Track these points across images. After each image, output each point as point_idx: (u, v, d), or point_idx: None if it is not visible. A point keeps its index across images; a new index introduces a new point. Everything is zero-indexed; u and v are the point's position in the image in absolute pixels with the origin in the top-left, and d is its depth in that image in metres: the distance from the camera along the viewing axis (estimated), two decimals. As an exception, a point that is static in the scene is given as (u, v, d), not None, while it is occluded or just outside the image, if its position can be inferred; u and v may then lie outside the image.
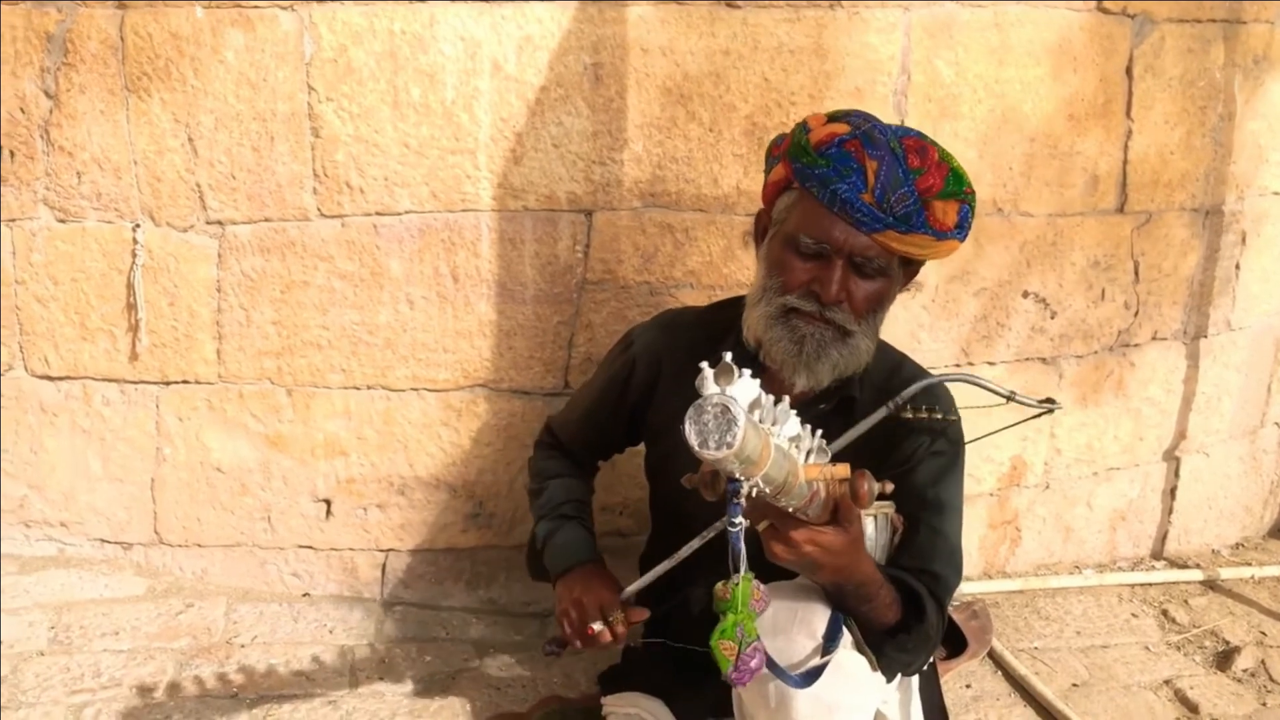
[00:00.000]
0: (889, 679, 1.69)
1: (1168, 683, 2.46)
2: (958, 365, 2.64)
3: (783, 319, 1.67)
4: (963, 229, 1.67)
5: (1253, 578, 2.97)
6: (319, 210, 2.31)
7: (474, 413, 2.45)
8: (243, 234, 2.31)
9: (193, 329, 2.35)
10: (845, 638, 1.60)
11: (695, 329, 1.90)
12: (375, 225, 2.32)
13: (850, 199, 1.60)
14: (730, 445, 1.12)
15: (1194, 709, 2.35)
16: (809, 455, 1.36)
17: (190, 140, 2.24)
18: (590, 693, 2.14)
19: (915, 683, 1.82)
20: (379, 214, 2.31)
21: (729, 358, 1.16)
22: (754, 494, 1.28)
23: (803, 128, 1.68)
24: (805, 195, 1.66)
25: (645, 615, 1.76)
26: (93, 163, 2.25)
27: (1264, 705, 2.40)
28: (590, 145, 2.33)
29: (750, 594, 1.34)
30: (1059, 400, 1.77)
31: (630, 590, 1.77)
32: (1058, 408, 1.75)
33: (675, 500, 1.67)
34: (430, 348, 2.40)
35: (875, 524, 1.68)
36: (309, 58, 2.22)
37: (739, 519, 1.30)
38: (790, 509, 1.38)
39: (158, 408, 2.40)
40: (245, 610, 2.44)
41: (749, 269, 2.41)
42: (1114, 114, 2.62)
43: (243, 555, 2.51)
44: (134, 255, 2.30)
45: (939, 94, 2.45)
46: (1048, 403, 1.75)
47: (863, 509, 1.46)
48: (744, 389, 1.16)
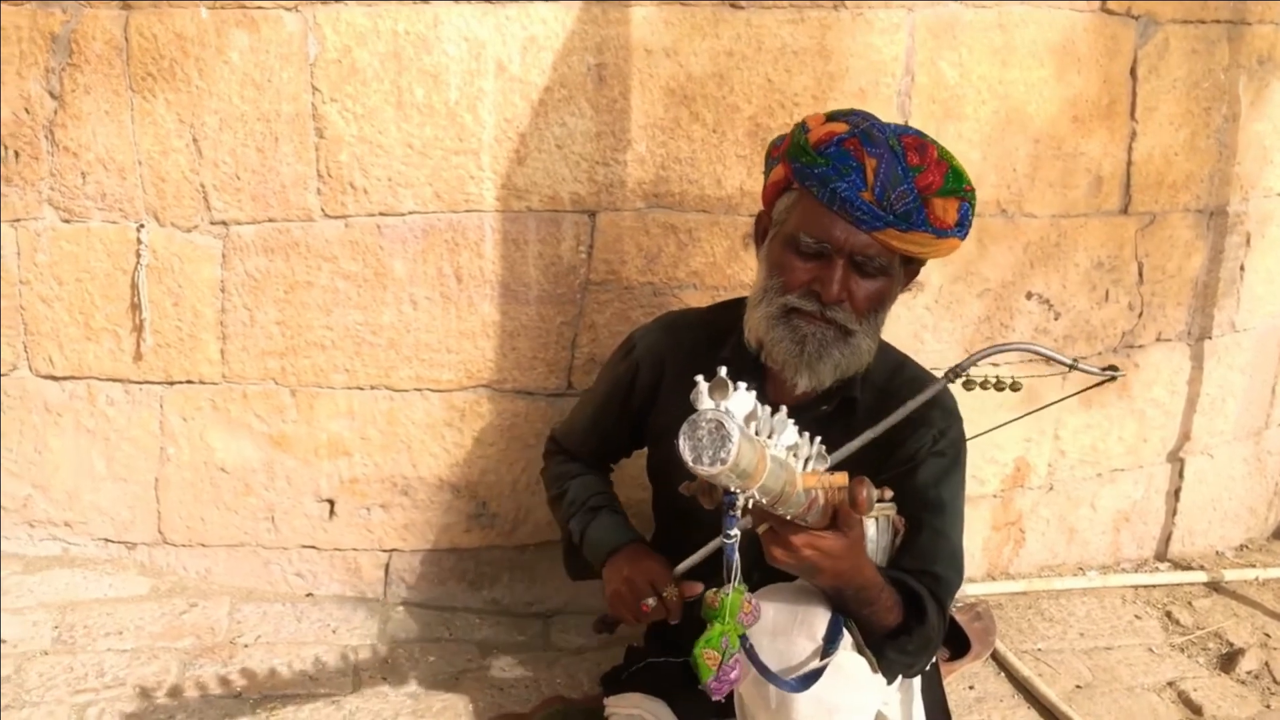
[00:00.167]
0: (890, 681, 1.69)
1: (1171, 685, 2.45)
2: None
3: (784, 319, 1.67)
4: (963, 227, 1.67)
5: (1257, 579, 2.97)
6: (323, 211, 2.31)
7: (477, 413, 2.45)
8: (247, 234, 2.31)
9: (197, 329, 2.36)
10: (846, 639, 1.59)
11: (698, 330, 1.90)
12: (379, 226, 2.32)
13: (850, 197, 1.60)
14: (724, 461, 1.11)
15: (1198, 711, 2.35)
16: (808, 463, 1.35)
17: (195, 141, 2.25)
18: (593, 693, 2.14)
19: (917, 684, 1.82)
20: (383, 214, 2.32)
21: (724, 372, 1.15)
22: (750, 505, 1.27)
23: (801, 128, 1.68)
24: (805, 195, 1.66)
25: (699, 589, 1.71)
26: (97, 163, 2.25)
27: (1268, 707, 2.39)
28: (594, 146, 2.33)
29: (740, 606, 1.33)
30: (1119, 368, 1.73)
31: (682, 568, 1.75)
32: (1121, 374, 1.72)
33: (678, 502, 1.66)
34: (434, 348, 2.40)
35: (877, 526, 1.67)
36: (313, 58, 2.22)
37: (734, 531, 1.29)
38: (789, 516, 1.38)
39: (162, 408, 2.41)
40: (249, 610, 2.44)
41: (752, 270, 2.40)
42: (1118, 115, 2.62)
43: (246, 555, 2.51)
44: (138, 255, 2.30)
45: (943, 95, 2.45)
46: (1110, 370, 1.72)
47: (862, 515, 1.45)
48: (739, 403, 1.15)
